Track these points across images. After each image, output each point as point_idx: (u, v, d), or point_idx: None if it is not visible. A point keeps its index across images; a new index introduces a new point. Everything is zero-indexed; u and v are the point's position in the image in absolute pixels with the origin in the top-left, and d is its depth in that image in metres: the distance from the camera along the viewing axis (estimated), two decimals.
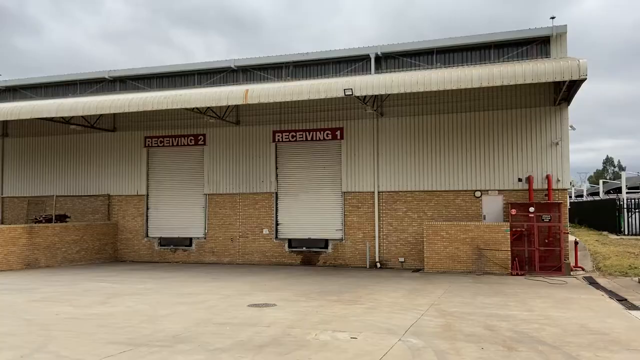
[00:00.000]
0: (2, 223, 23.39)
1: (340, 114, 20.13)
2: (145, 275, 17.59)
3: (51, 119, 20.56)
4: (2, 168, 24.92)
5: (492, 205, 18.31)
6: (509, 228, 17.01)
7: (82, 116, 20.51)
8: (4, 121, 24.19)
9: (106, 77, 23.44)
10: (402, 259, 19.12)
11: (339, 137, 20.17)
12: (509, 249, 16.89)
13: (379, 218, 19.48)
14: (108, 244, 22.45)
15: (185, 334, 8.74)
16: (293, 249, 20.54)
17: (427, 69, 18.73)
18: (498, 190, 18.34)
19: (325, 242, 20.19)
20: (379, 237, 19.44)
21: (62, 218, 22.21)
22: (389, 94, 18.13)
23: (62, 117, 20.24)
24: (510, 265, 16.78)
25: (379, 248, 19.40)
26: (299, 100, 17.21)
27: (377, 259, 19.35)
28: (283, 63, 21.36)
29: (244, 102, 16.98)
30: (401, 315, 10.37)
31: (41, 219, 22.01)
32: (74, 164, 23.87)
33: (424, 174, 19.09)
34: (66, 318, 10.13)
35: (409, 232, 19.15)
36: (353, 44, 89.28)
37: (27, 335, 8.73)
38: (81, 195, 23.51)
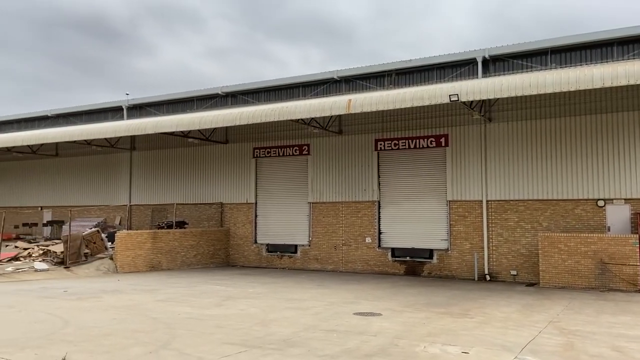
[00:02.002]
0: (130, 229, 25.78)
1: (445, 121, 19.63)
2: (255, 280, 18.39)
3: (172, 133, 22.37)
4: (130, 179, 27.54)
5: (618, 216, 16.71)
6: (637, 241, 15.39)
7: (198, 130, 22.06)
8: (132, 136, 26.72)
9: (219, 92, 25.05)
10: (514, 272, 18.10)
11: (443, 144, 19.66)
12: (638, 264, 15.28)
13: (487, 228, 18.63)
14: (221, 249, 23.83)
15: (294, 339, 9.00)
16: (396, 259, 20.31)
17: (540, 70, 17.65)
18: (624, 199, 16.71)
19: (429, 252, 19.72)
20: (488, 248, 18.58)
21: (181, 224, 23.99)
22: (498, 99, 17.34)
23: (181, 131, 21.93)
24: (639, 282, 15.18)
25: (488, 260, 18.54)
26: (401, 108, 17.07)
27: (486, 271, 18.50)
28: (385, 71, 21.35)
29: (347, 112, 17.20)
30: (516, 331, 9.80)
31: (163, 225, 23.94)
32: (191, 174, 25.70)
33: (537, 181, 17.95)
34: (187, 318, 10.90)
35: (522, 243, 18.08)
36: (451, 47, 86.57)
37: (154, 332, 9.52)
38: (197, 203, 25.23)
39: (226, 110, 21.04)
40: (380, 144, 20.90)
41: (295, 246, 22.62)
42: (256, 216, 23.79)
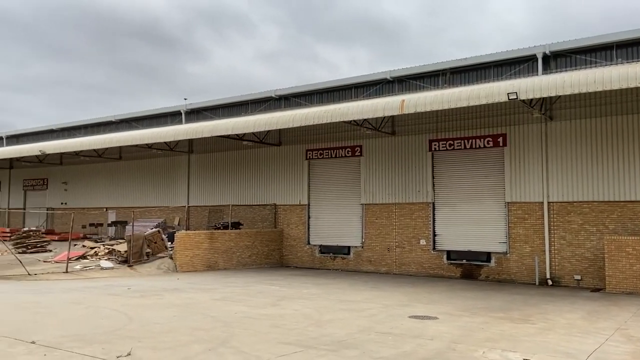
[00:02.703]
0: (188, 229, 26.62)
1: (503, 120, 19.03)
2: (308, 280, 18.52)
3: (227, 136, 22.92)
4: (188, 181, 28.46)
5: None
6: None
7: (252, 133, 22.49)
8: (190, 139, 27.59)
9: (273, 95, 25.45)
10: (578, 277, 17.27)
11: (501, 144, 19.07)
12: None
13: (549, 231, 17.88)
14: (275, 249, 24.17)
15: (349, 340, 8.99)
16: (452, 261, 19.88)
17: (606, 66, 16.78)
18: None
19: (487, 255, 19.16)
20: (550, 251, 17.83)
21: (236, 225, 24.53)
22: (559, 96, 16.63)
23: (236, 134, 22.44)
24: None
25: (549, 263, 17.80)
26: (457, 108, 16.70)
27: (547, 276, 17.76)
28: (439, 70, 20.97)
29: (400, 112, 17.02)
30: (580, 338, 9.36)
31: (219, 225, 24.57)
32: (245, 176, 26.24)
33: (603, 182, 17.06)
34: (243, 317, 11.13)
35: (587, 247, 17.23)
36: (506, 43, 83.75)
37: (212, 330, 9.78)
38: (252, 205, 25.72)
39: (279, 113, 21.35)
40: (435, 145, 20.53)
41: (348, 248, 22.60)
42: (309, 217, 23.96)
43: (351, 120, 19.18)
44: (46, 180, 35.91)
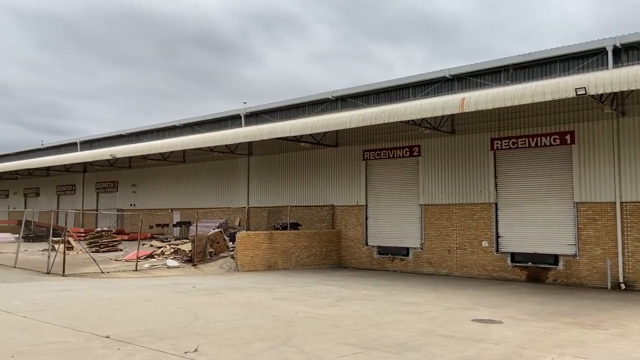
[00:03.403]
0: (249, 229, 27.25)
1: (570, 116, 18.18)
2: (367, 281, 18.48)
3: (285, 138, 23.29)
4: (248, 182, 29.16)
5: None
6: None
7: (310, 134, 22.72)
8: (249, 142, 28.26)
9: (329, 97, 25.61)
10: None
11: (568, 142, 18.22)
12: None
13: (622, 232, 16.91)
14: (333, 250, 24.29)
15: (411, 343, 8.91)
16: (516, 264, 19.20)
17: None
18: None
19: (554, 258, 18.37)
20: (623, 254, 16.85)
21: (295, 226, 24.86)
22: (632, 90, 15.68)
23: (294, 136, 22.75)
24: None
25: (622, 266, 16.82)
26: (520, 105, 16.13)
27: (620, 280, 16.79)
28: (501, 67, 20.35)
29: (460, 111, 16.64)
30: None
31: (278, 226, 24.99)
32: (303, 177, 26.54)
33: None
34: (303, 317, 11.27)
35: None
36: (570, 37, 79.82)
37: (274, 329, 9.97)
38: (309, 206, 25.98)
39: (336, 114, 21.43)
40: (497, 143, 19.92)
41: (407, 249, 22.34)
42: (367, 218, 23.89)
43: (409, 120, 18.97)
44: (116, 183, 37.90)
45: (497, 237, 19.78)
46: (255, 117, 30.10)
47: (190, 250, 22.16)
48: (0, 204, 49.12)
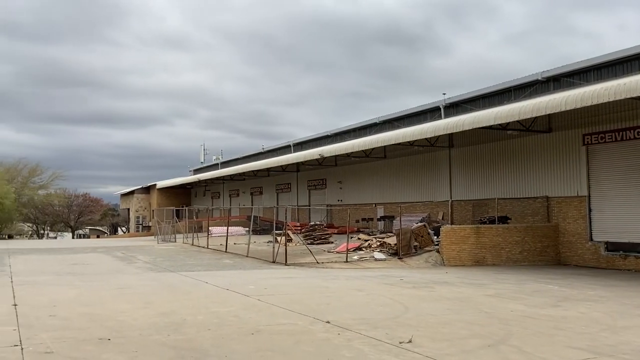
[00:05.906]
0: (452, 224, 26.61)
1: None
2: (593, 281, 16.41)
3: (489, 127, 22.07)
4: (450, 175, 28.47)
5: None
6: None
7: (517, 121, 21.10)
8: (450, 134, 27.60)
9: (539, 78, 23.42)
10: None
11: None
12: None
13: None
14: (549, 246, 22.18)
15: None
16: None
17: None
18: None
19: None
20: None
21: (503, 220, 23.41)
22: None
23: (499, 124, 21.40)
24: None
25: None
26: None
27: None
28: None
29: None
30: None
31: (485, 220, 23.83)
32: (510, 168, 24.80)
33: None
34: (520, 316, 10.52)
35: None
36: None
37: (488, 327, 9.51)
38: (519, 198, 24.16)
39: (547, 97, 19.46)
40: None
41: None
42: (590, 210, 21.19)
43: None
44: (324, 180, 40.81)
45: None
46: (455, 107, 29.23)
47: (395, 244, 22.60)
48: (233, 202, 57.29)
